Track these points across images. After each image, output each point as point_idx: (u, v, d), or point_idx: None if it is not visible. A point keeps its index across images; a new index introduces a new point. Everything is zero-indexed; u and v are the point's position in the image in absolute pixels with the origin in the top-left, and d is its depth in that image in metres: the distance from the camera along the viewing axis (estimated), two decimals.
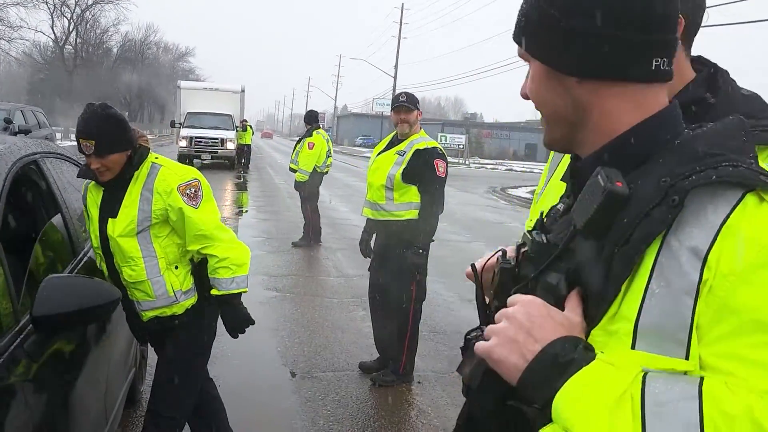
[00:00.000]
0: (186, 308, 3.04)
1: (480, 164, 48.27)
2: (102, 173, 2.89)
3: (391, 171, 4.78)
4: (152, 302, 3.00)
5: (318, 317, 6.55)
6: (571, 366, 0.87)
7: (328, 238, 10.98)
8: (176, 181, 2.94)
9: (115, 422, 3.18)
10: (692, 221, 0.87)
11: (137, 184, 2.94)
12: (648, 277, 0.88)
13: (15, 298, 2.23)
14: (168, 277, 2.98)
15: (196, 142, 24.69)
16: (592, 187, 0.95)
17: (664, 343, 0.86)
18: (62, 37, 54.83)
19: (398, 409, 4.56)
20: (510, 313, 0.95)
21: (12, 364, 2.00)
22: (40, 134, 16.62)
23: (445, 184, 4.87)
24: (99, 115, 2.83)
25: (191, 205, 2.92)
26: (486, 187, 26.14)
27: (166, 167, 2.99)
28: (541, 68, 1.05)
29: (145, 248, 2.94)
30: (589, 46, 0.98)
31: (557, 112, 1.06)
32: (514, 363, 0.92)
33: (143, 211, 2.91)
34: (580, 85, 1.01)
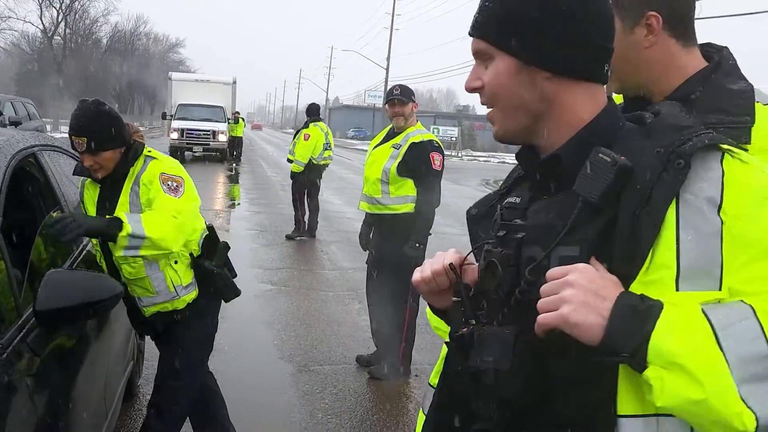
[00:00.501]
0: (187, 303, 3.03)
1: (473, 156, 48.34)
2: (96, 170, 2.86)
3: (387, 165, 4.76)
4: (153, 298, 2.99)
5: (314, 310, 6.54)
6: (652, 311, 0.96)
7: (322, 231, 10.96)
8: (160, 170, 2.88)
9: (115, 416, 3.17)
10: (698, 178, 1.01)
11: (131, 181, 2.91)
12: (675, 229, 1.01)
13: (17, 293, 2.21)
14: (167, 272, 2.96)
15: (187, 134, 24.57)
16: (598, 164, 1.06)
17: (702, 280, 1.00)
18: (51, 28, 54.50)
19: (396, 402, 4.57)
20: (572, 280, 1.00)
21: (16, 358, 1.99)
22: (30, 126, 16.49)
23: (441, 177, 4.84)
24: (91, 112, 2.80)
25: (169, 194, 2.85)
26: (479, 180, 26.16)
27: (157, 159, 2.96)
28: (511, 63, 1.14)
29: None
30: (567, 48, 1.13)
31: (522, 104, 1.15)
32: (593, 322, 0.98)
33: (135, 205, 2.88)
34: (550, 80, 1.14)
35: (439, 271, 1.27)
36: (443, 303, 1.31)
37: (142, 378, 4.49)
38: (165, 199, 2.82)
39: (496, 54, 1.16)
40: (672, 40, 1.59)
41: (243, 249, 8.91)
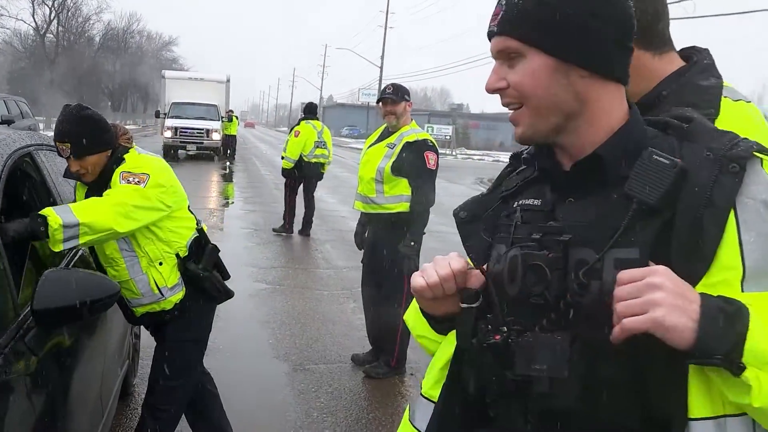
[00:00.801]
0: (174, 303, 3.04)
1: (467, 155, 48.37)
2: (83, 175, 2.87)
3: (381, 164, 4.77)
4: (139, 299, 3.01)
5: (308, 309, 6.55)
6: (741, 312, 0.96)
7: (317, 230, 10.97)
8: (121, 170, 2.83)
9: (111, 415, 3.18)
10: (751, 182, 1.04)
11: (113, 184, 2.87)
12: (736, 230, 1.02)
13: (15, 292, 2.22)
14: (151, 274, 2.96)
15: (181, 132, 24.51)
16: (653, 166, 1.07)
17: (766, 279, 1.01)
18: (43, 26, 54.28)
19: (391, 401, 4.58)
20: (658, 283, 0.98)
21: (14, 357, 1.99)
22: (23, 124, 16.43)
23: (435, 176, 4.84)
24: (74, 117, 2.79)
25: (122, 182, 2.79)
26: (473, 178, 26.18)
27: (125, 162, 2.88)
28: (547, 61, 1.12)
29: (124, 248, 2.93)
30: (606, 46, 1.13)
31: (556, 103, 1.13)
32: (684, 325, 0.96)
33: None
34: (584, 79, 1.13)
35: (448, 277, 1.23)
36: (445, 310, 1.27)
37: (138, 377, 4.49)
38: (114, 189, 2.77)
39: (528, 52, 1.13)
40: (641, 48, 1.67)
41: (237, 248, 8.92)
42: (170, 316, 3.05)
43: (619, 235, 1.06)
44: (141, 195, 2.79)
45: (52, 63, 51.59)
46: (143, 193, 2.80)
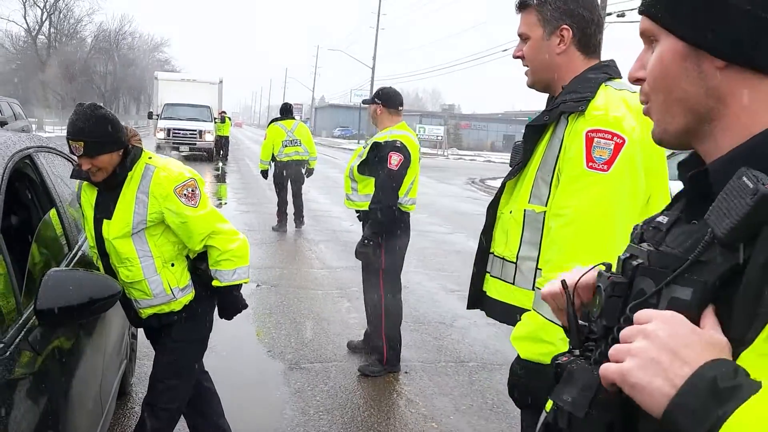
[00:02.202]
0: (184, 305, 3.06)
1: (458, 155, 48.46)
2: (94, 174, 2.87)
3: (354, 163, 5.05)
4: (150, 300, 3.01)
5: (303, 309, 6.59)
6: (737, 393, 0.73)
7: (310, 230, 11.01)
8: (172, 184, 2.91)
9: (110, 414, 3.21)
10: None
11: (131, 186, 2.91)
12: None
13: (18, 292, 2.25)
14: (165, 275, 2.98)
15: (173, 133, 24.49)
16: (736, 190, 0.82)
17: None
18: (35, 27, 54.04)
19: (387, 399, 4.63)
20: (649, 330, 0.81)
21: (18, 356, 2.03)
22: (16, 126, 16.37)
23: (400, 177, 4.76)
24: (88, 116, 2.79)
25: (190, 205, 2.91)
26: (465, 179, 26.26)
27: (161, 168, 2.94)
28: (677, 46, 0.94)
29: (140, 248, 2.94)
30: (751, 29, 0.87)
31: (685, 99, 0.94)
32: (658, 388, 0.78)
33: (138, 214, 2.90)
34: (722, 71, 0.91)
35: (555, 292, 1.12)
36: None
37: (135, 377, 4.53)
38: (197, 219, 2.93)
39: (661, 35, 0.96)
40: (577, 53, 2.08)
41: None
42: (177, 317, 3.07)
43: (684, 269, 0.86)
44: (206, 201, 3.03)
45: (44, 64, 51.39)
46: (205, 199, 3.02)
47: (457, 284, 8.07)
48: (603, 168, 1.87)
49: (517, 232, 2.06)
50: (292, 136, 10.67)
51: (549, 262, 1.93)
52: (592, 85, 1.99)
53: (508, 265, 2.10)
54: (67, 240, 3.12)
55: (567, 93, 2.01)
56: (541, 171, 2.02)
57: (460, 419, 4.36)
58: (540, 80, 2.15)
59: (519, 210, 2.06)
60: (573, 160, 1.91)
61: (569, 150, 1.93)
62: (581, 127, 1.92)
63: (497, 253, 2.15)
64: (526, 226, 2.04)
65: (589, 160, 1.88)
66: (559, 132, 1.99)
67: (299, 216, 11.10)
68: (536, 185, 2.03)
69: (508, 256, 2.09)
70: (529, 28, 2.09)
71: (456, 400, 4.65)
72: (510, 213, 2.10)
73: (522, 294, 2.05)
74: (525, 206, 2.04)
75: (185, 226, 2.93)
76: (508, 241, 2.09)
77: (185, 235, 2.96)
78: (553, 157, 1.99)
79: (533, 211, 2.02)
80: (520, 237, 2.05)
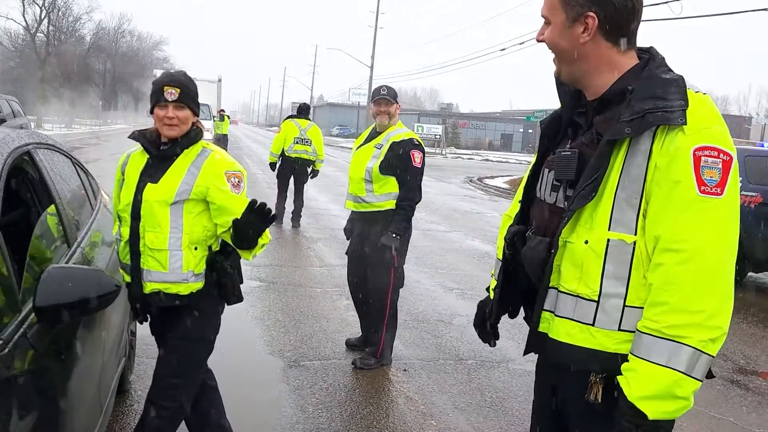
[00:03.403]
0: (191, 291, 3.05)
1: (456, 154, 48.48)
2: (171, 127, 3.02)
3: (369, 164, 4.94)
4: (163, 274, 3.02)
5: (302, 307, 6.60)
6: None
7: (309, 228, 11.02)
8: (225, 167, 3.08)
9: (109, 411, 3.20)
10: None
11: (185, 159, 3.06)
12: None
13: (17, 289, 2.25)
14: (186, 254, 3.02)
15: None
16: None
17: None
18: (34, 25, 53.91)
19: (385, 397, 4.63)
20: None
21: (17, 353, 2.02)
22: (14, 123, 16.38)
23: (423, 174, 5.02)
24: (181, 74, 3.13)
25: (234, 192, 3.05)
26: (463, 177, 26.28)
27: (217, 152, 3.14)
28: None
29: (174, 220, 3.01)
30: None
31: None
32: None
33: (186, 183, 3.01)
34: None
35: None
36: None
37: (134, 374, 4.53)
38: (237, 202, 3.04)
39: None
40: (606, 43, 1.84)
41: None
42: (181, 302, 3.05)
43: None
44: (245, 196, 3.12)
45: (43, 62, 51.31)
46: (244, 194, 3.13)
47: (456, 282, 8.08)
48: (716, 192, 1.65)
49: (597, 265, 1.77)
50: (304, 135, 11.09)
51: (665, 305, 1.66)
52: (677, 89, 1.75)
53: (585, 304, 1.80)
54: (66, 237, 3.11)
55: (645, 99, 1.74)
56: (623, 192, 1.74)
57: (459, 416, 4.37)
58: (566, 72, 1.91)
59: (599, 240, 1.77)
60: (681, 184, 1.66)
61: (668, 171, 1.68)
62: (685, 143, 1.67)
63: (567, 290, 1.84)
64: (609, 258, 1.76)
65: (701, 184, 1.65)
66: (643, 146, 1.72)
67: (297, 216, 11.19)
68: (618, 210, 1.75)
69: (585, 294, 1.79)
70: (551, 10, 1.87)
71: (455, 398, 4.65)
72: (585, 243, 1.79)
73: (605, 336, 1.78)
74: (607, 235, 1.76)
75: (225, 204, 3.03)
76: (583, 275, 1.79)
77: (222, 212, 3.05)
78: (639, 176, 1.72)
79: (622, 242, 1.74)
80: (601, 271, 1.77)
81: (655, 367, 1.64)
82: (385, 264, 4.92)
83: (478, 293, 7.59)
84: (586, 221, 1.79)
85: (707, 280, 1.64)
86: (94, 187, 4.23)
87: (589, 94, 1.91)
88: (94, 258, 3.35)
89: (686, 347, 1.62)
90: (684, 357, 1.62)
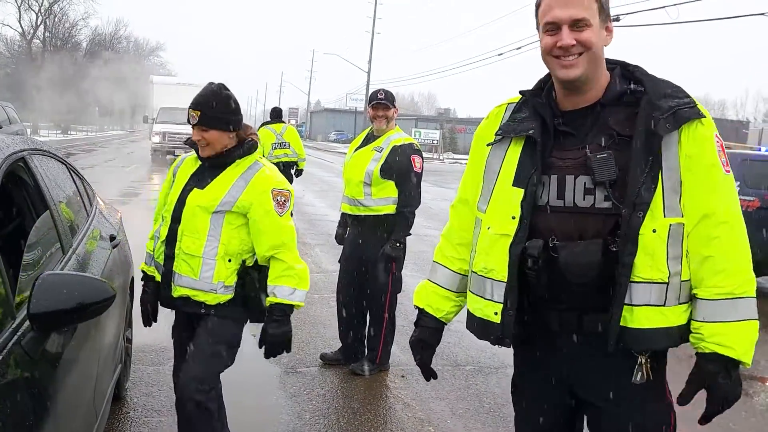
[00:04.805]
0: (218, 302, 3.06)
1: (454, 159, 48.46)
2: (203, 147, 3.04)
3: (369, 167, 4.89)
4: (193, 281, 3.03)
5: (299, 313, 6.48)
6: None
7: (306, 234, 11.00)
8: (272, 184, 3.06)
9: (104, 418, 3.18)
10: None
11: (235, 170, 3.07)
12: None
13: (11, 294, 2.23)
14: (219, 265, 3.02)
15: (169, 137, 24.46)
16: None
17: None
18: (30, 31, 53.93)
19: (383, 403, 4.61)
20: None
21: (11, 360, 2.01)
22: (10, 129, 16.37)
23: (422, 179, 5.01)
24: (211, 91, 3.04)
25: (278, 210, 3.03)
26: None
27: (268, 168, 3.14)
28: None
29: (213, 228, 3.01)
30: None
31: None
32: None
33: (231, 195, 3.01)
34: None
35: None
36: None
37: (130, 381, 4.50)
38: (278, 224, 3.04)
39: None
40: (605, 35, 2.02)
41: None
42: (206, 311, 3.07)
43: None
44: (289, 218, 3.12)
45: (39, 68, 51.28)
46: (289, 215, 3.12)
47: None
48: (728, 170, 1.97)
49: (663, 250, 1.92)
50: (281, 138, 11.09)
51: (725, 271, 1.92)
52: (676, 85, 2.00)
53: (657, 288, 1.93)
54: (60, 243, 3.09)
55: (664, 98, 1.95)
56: (669, 181, 1.92)
57: (457, 423, 4.35)
58: (586, 73, 1.99)
59: (663, 226, 1.92)
60: (715, 167, 1.94)
61: (702, 157, 1.93)
62: (707, 132, 1.95)
63: (643, 278, 1.93)
64: (670, 241, 1.92)
65: (725, 164, 1.96)
66: (673, 138, 1.93)
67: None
68: (668, 197, 1.93)
69: (658, 278, 1.93)
70: (591, 13, 1.96)
71: (452, 404, 4.64)
72: (654, 232, 1.91)
73: (673, 312, 1.95)
74: (667, 221, 1.92)
75: (264, 225, 3.02)
76: (655, 262, 1.92)
77: (259, 234, 3.04)
78: (676, 165, 1.93)
79: (678, 225, 1.93)
80: (665, 254, 1.92)
81: (743, 323, 1.92)
82: (384, 270, 4.91)
83: None
84: (650, 212, 1.91)
85: (744, 243, 1.96)
86: (89, 193, 4.22)
87: (584, 99, 2.03)
88: (90, 264, 3.32)
89: (751, 299, 1.93)
90: (753, 306, 1.94)
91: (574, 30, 1.94)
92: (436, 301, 2.39)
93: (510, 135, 2.11)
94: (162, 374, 4.71)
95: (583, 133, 2.01)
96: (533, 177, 2.02)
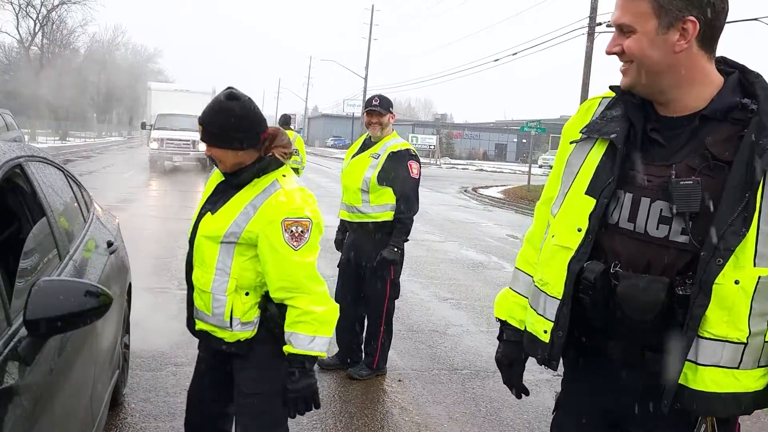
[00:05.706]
0: (238, 339, 2.67)
1: (451, 165, 48.57)
2: (217, 163, 2.67)
3: (367, 174, 4.89)
4: (206, 316, 2.69)
5: None
6: None
7: None
8: (284, 213, 2.57)
9: (101, 424, 3.19)
10: None
11: (248, 194, 2.64)
12: None
13: (7, 300, 2.24)
14: (232, 300, 2.62)
15: (167, 143, 24.49)
16: None
17: None
18: (28, 38, 53.96)
19: (380, 407, 4.62)
20: None
21: (7, 367, 2.02)
22: (8, 136, 16.35)
23: (419, 184, 5.02)
24: (217, 104, 2.60)
25: (291, 245, 2.56)
26: (458, 188, 26.34)
27: (284, 192, 2.63)
28: None
29: (222, 261, 2.62)
30: None
31: None
32: None
33: (237, 225, 2.60)
34: None
35: None
36: None
37: (127, 387, 4.51)
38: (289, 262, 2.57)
39: None
40: (700, 51, 1.68)
41: None
42: (227, 349, 2.69)
43: None
44: (312, 251, 2.64)
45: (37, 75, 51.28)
46: (312, 248, 2.63)
47: (450, 292, 8.07)
48: None
49: (746, 305, 1.62)
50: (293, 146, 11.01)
51: None
52: None
53: (733, 348, 1.64)
54: (57, 250, 3.10)
55: None
56: (766, 225, 1.60)
57: (454, 427, 4.36)
58: (647, 84, 1.72)
59: (750, 278, 1.61)
60: None
61: None
62: None
63: (714, 335, 1.64)
64: (756, 296, 1.61)
65: None
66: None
67: None
68: (763, 243, 1.60)
69: (735, 337, 1.63)
70: (639, 17, 1.67)
71: (449, 408, 4.65)
72: (736, 284, 1.61)
73: (746, 376, 1.67)
74: (756, 272, 1.60)
75: (272, 262, 2.57)
76: (732, 317, 1.62)
77: (265, 273, 2.60)
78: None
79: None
80: (749, 311, 1.62)
81: None
82: (382, 275, 4.93)
83: (472, 303, 7.61)
84: (734, 259, 1.60)
85: None
86: (87, 200, 4.23)
87: (671, 110, 1.75)
88: (86, 271, 3.34)
89: None
90: None
91: (622, 35, 1.72)
92: (519, 312, 2.09)
93: (594, 135, 1.84)
94: (160, 380, 4.72)
95: (675, 147, 1.72)
96: (606, 189, 1.77)
